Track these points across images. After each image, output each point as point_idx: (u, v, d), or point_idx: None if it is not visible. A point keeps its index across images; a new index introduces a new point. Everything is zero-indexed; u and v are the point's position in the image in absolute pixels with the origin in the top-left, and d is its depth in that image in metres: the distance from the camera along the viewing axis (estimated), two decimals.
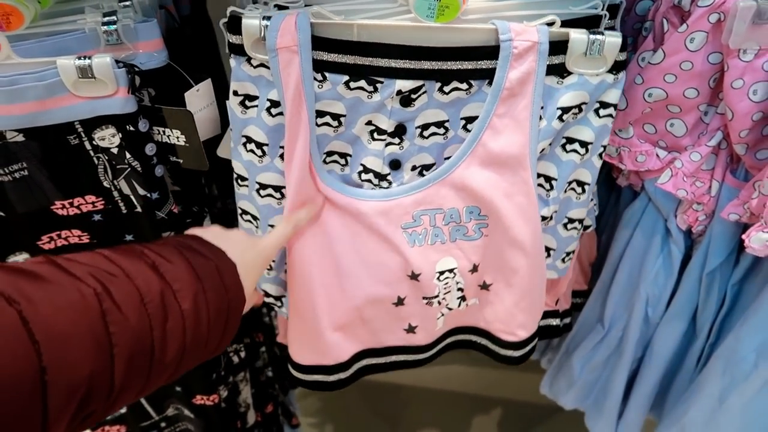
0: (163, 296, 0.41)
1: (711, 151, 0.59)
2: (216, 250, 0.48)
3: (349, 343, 0.70)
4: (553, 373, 0.92)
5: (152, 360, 0.40)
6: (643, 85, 0.58)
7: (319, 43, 0.54)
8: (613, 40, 0.53)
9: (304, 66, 0.53)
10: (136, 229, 0.66)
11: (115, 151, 0.60)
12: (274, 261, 0.67)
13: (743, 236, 0.54)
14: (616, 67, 0.55)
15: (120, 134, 0.59)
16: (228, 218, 0.85)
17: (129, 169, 0.62)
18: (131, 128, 0.59)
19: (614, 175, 0.71)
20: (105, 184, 0.63)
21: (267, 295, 0.71)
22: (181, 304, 0.42)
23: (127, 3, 0.60)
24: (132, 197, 0.64)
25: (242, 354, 0.85)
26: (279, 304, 0.71)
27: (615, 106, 0.58)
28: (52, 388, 0.33)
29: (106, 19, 0.58)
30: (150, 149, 0.62)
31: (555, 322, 0.78)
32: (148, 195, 0.63)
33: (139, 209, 0.64)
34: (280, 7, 0.58)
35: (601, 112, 0.58)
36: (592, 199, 0.69)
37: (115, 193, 0.64)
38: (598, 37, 0.53)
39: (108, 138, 0.60)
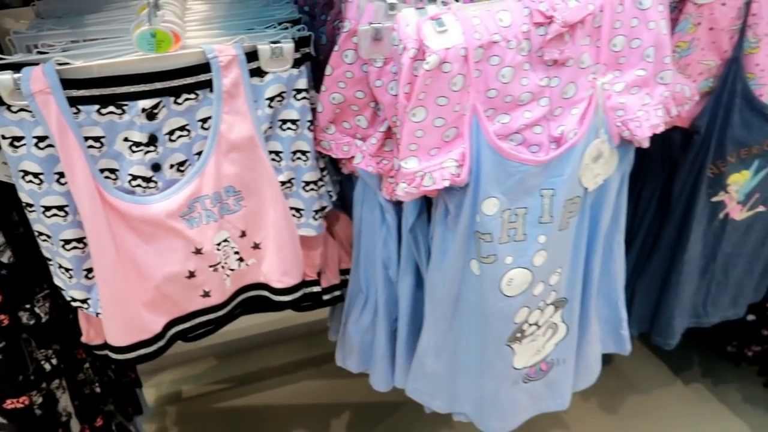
0: None
1: (384, 136, 0.81)
2: None
3: (159, 317, 0.85)
4: (340, 343, 1.09)
5: None
6: (327, 92, 0.80)
7: (68, 83, 0.69)
8: (288, 45, 0.75)
9: (60, 102, 0.69)
10: None
11: None
12: (71, 269, 0.80)
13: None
14: (297, 63, 0.77)
15: None
16: (30, 242, 0.97)
17: None
18: None
19: (339, 165, 0.91)
20: None
21: (74, 300, 0.83)
22: None
23: None
24: None
25: (54, 361, 0.95)
26: (86, 306, 0.83)
27: (306, 90, 0.80)
28: None
29: None
30: None
31: (317, 289, 0.96)
32: None
33: None
34: (41, 53, 0.74)
35: (298, 96, 0.80)
36: (323, 185, 0.89)
37: None
38: (277, 45, 0.75)
39: None
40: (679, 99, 0.85)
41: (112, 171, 0.75)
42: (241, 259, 0.87)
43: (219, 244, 0.83)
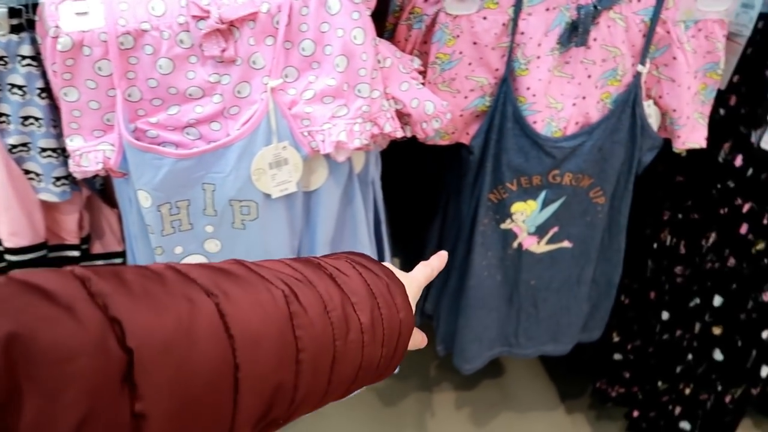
0: (344, 307, 0.40)
1: None
2: (386, 269, 0.47)
3: None
4: None
5: (332, 372, 0.39)
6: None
7: None
8: (1, 10, 0.75)
9: None
10: None
11: None
12: None
13: None
14: (16, 30, 0.77)
15: None
16: None
17: None
18: None
19: None
20: None
21: None
22: (360, 317, 0.41)
23: None
24: None
25: None
26: None
27: (33, 57, 0.79)
28: (243, 387, 0.32)
29: None
30: None
31: (74, 253, 0.98)
32: None
33: None
34: None
35: (23, 62, 0.80)
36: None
37: None
38: None
39: None
40: (419, 115, 0.80)
41: None
42: None
43: None
